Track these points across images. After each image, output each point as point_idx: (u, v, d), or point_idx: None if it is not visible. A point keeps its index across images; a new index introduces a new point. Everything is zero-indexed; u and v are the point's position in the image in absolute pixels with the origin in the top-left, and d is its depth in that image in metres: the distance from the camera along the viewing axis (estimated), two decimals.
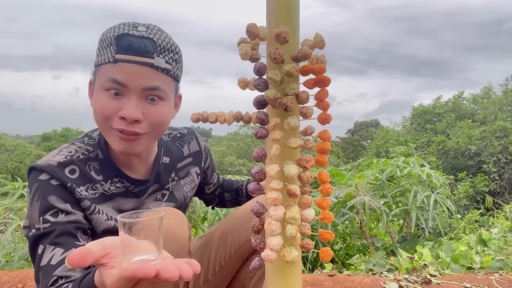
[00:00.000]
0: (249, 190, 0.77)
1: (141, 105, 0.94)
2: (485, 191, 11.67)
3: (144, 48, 0.91)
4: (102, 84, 0.93)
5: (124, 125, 0.93)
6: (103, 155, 1.03)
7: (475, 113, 18.73)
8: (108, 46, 0.93)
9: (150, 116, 0.95)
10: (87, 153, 1.02)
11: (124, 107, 0.92)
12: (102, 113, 0.94)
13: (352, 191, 3.20)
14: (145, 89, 0.93)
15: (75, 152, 1.01)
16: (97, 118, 0.96)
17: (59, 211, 0.92)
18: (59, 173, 0.95)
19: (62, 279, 0.85)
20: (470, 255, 2.36)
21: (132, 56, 0.91)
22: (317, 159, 0.78)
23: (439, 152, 15.05)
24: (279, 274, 0.80)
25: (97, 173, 1.02)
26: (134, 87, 0.92)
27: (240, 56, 0.74)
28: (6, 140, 25.32)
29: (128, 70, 0.91)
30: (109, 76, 0.92)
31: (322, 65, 0.74)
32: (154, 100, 0.95)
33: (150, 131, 0.97)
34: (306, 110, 0.76)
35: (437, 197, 3.18)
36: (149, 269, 0.55)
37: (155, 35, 0.94)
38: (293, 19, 0.76)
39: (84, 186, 0.98)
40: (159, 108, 0.97)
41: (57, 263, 0.86)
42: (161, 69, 0.94)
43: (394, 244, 3.18)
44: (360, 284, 1.84)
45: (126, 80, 0.91)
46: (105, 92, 0.93)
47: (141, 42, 0.91)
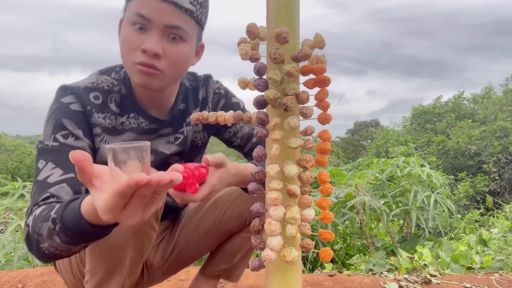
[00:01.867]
0: (249, 190, 0.77)
1: (162, 42, 0.97)
2: (485, 191, 11.67)
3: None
4: (129, 18, 0.97)
5: (145, 58, 0.96)
6: (126, 90, 1.07)
7: (475, 113, 18.73)
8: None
9: (170, 54, 0.98)
10: (112, 86, 1.07)
11: (145, 41, 0.95)
12: (126, 46, 0.98)
13: (352, 191, 3.20)
14: (167, 27, 0.96)
15: (101, 82, 1.06)
16: (122, 52, 1.00)
17: (70, 133, 0.97)
18: (84, 96, 1.01)
19: (54, 198, 0.88)
20: (470, 255, 2.36)
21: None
22: (317, 159, 0.78)
23: (439, 152, 15.05)
24: (279, 274, 0.80)
25: (117, 105, 1.06)
26: (157, 23, 0.95)
27: (240, 56, 0.74)
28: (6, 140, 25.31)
29: (153, 6, 0.94)
30: (135, 10, 0.95)
31: (322, 65, 0.74)
32: (175, 39, 0.98)
33: (168, 69, 1.00)
34: (306, 110, 0.76)
35: (437, 197, 3.18)
36: (141, 176, 0.57)
37: None
38: (293, 19, 0.76)
39: (103, 114, 1.04)
40: (179, 48, 0.99)
41: (53, 182, 0.90)
42: (184, 9, 0.97)
43: (394, 244, 3.18)
44: (360, 284, 1.84)
45: (150, 15, 0.94)
46: (131, 26, 0.97)
47: None
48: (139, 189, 0.59)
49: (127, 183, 0.57)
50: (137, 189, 0.58)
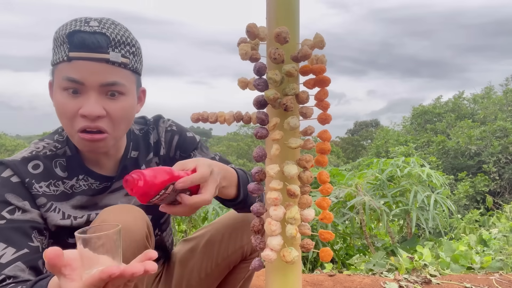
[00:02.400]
0: (249, 190, 0.77)
1: (101, 101, 0.92)
2: (485, 191, 11.66)
3: (97, 43, 0.89)
4: (60, 84, 0.92)
5: (87, 122, 0.91)
6: (71, 151, 1.02)
7: (475, 113, 18.72)
8: (62, 44, 0.91)
9: (112, 112, 0.93)
10: (55, 149, 1.02)
11: (83, 105, 0.90)
12: (64, 114, 0.93)
13: (352, 191, 3.20)
14: (103, 85, 0.91)
15: (42, 148, 1.01)
16: (61, 120, 0.95)
17: (16, 208, 0.92)
18: (21, 168, 0.95)
19: (10, 279, 0.84)
20: (470, 255, 2.36)
21: (86, 53, 0.89)
22: (317, 159, 0.78)
23: (439, 152, 15.05)
24: (279, 274, 0.80)
25: (63, 169, 1.01)
26: (91, 84, 0.90)
27: (240, 56, 0.74)
28: (6, 140, 25.30)
29: (83, 68, 0.89)
30: (65, 75, 0.90)
31: (322, 65, 0.74)
32: (114, 95, 0.93)
33: (114, 128, 0.95)
34: (306, 110, 0.76)
35: (437, 197, 3.18)
36: (114, 268, 0.56)
37: (108, 29, 0.92)
38: (293, 19, 0.76)
39: (46, 182, 0.98)
40: (120, 104, 0.94)
41: (7, 262, 0.85)
42: (117, 64, 0.92)
43: (394, 244, 3.18)
44: (360, 284, 1.84)
45: (82, 78, 0.89)
46: (64, 92, 0.92)
47: (93, 38, 0.89)
48: (112, 281, 0.58)
49: (99, 275, 0.56)
50: (108, 281, 0.58)
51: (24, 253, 0.88)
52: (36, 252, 0.90)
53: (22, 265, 0.87)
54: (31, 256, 0.88)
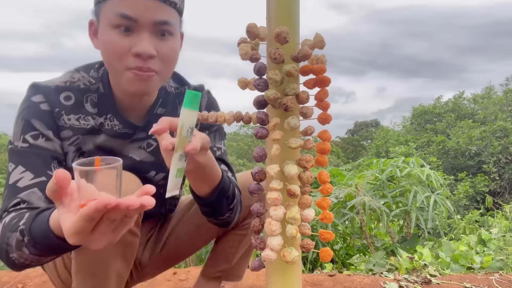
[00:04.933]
0: (249, 190, 0.77)
1: (153, 41, 0.90)
2: (485, 191, 11.67)
3: None
4: (110, 21, 0.89)
5: (140, 63, 0.89)
6: (104, 89, 1.00)
7: (475, 113, 18.73)
8: None
9: (163, 52, 0.92)
10: (89, 84, 1.00)
11: (136, 43, 0.88)
12: (114, 53, 0.90)
13: (352, 191, 3.20)
14: (157, 24, 0.90)
15: (77, 80, 1.00)
16: (109, 59, 0.92)
17: (40, 134, 0.92)
18: (53, 96, 0.95)
19: (24, 203, 0.84)
20: (470, 255, 2.36)
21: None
22: (317, 159, 0.78)
23: (439, 152, 15.06)
24: (279, 274, 0.80)
25: (93, 105, 1.00)
26: (145, 21, 0.88)
27: (240, 56, 0.74)
28: (6, 140, 25.32)
29: (137, 3, 0.87)
30: (117, 11, 0.87)
31: (322, 65, 0.74)
32: (164, 35, 0.92)
33: (164, 69, 0.94)
34: (306, 110, 0.76)
35: (436, 198, 3.18)
36: (110, 199, 0.54)
37: None
38: (293, 20, 0.76)
39: (76, 115, 0.97)
40: (169, 44, 0.94)
41: (24, 187, 0.86)
42: (169, 2, 0.91)
43: (394, 244, 3.18)
44: (360, 284, 1.84)
45: (136, 14, 0.87)
46: (114, 30, 0.89)
47: None
48: (108, 213, 0.56)
49: (95, 206, 0.54)
50: (106, 212, 0.56)
51: (42, 181, 0.88)
52: None
53: (39, 193, 0.86)
54: None
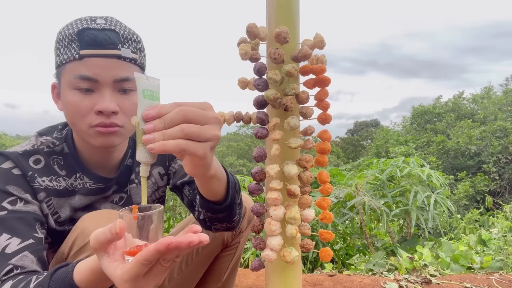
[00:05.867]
0: (249, 190, 0.77)
1: (114, 98, 0.92)
2: (485, 190, 11.67)
3: (108, 40, 0.90)
4: (71, 83, 0.91)
5: (103, 119, 0.91)
6: (69, 149, 1.02)
7: (475, 113, 18.73)
8: (70, 43, 0.90)
9: (125, 107, 0.94)
10: (53, 146, 1.01)
11: (98, 101, 0.90)
12: (77, 112, 0.92)
13: (352, 191, 3.20)
14: (117, 81, 0.92)
15: (40, 144, 1.00)
16: (72, 119, 0.94)
17: (18, 198, 0.91)
18: (23, 161, 0.94)
19: (18, 269, 0.82)
20: (470, 255, 2.36)
21: (98, 50, 0.89)
22: (317, 159, 0.78)
23: (439, 152, 15.06)
24: (279, 274, 0.80)
25: (60, 168, 1.00)
26: (105, 80, 0.90)
27: (240, 56, 0.74)
28: (6, 141, 25.33)
29: (96, 64, 0.89)
30: (76, 73, 0.90)
31: (322, 65, 0.74)
32: (126, 91, 0.94)
33: (125, 122, 0.95)
34: (306, 110, 0.76)
35: (437, 197, 3.18)
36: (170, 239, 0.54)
37: (115, 26, 0.93)
38: (293, 19, 0.76)
39: (48, 177, 0.97)
40: (132, 99, 0.95)
41: (12, 252, 0.84)
42: (128, 60, 0.93)
43: (394, 244, 3.18)
44: (360, 284, 1.84)
45: (95, 75, 0.89)
46: (75, 91, 0.91)
47: (104, 34, 0.90)
48: (165, 254, 0.56)
49: (155, 247, 0.54)
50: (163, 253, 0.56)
51: (30, 243, 0.86)
52: (40, 242, 0.88)
53: (31, 255, 0.85)
54: (37, 246, 0.87)
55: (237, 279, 1.92)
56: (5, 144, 24.22)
